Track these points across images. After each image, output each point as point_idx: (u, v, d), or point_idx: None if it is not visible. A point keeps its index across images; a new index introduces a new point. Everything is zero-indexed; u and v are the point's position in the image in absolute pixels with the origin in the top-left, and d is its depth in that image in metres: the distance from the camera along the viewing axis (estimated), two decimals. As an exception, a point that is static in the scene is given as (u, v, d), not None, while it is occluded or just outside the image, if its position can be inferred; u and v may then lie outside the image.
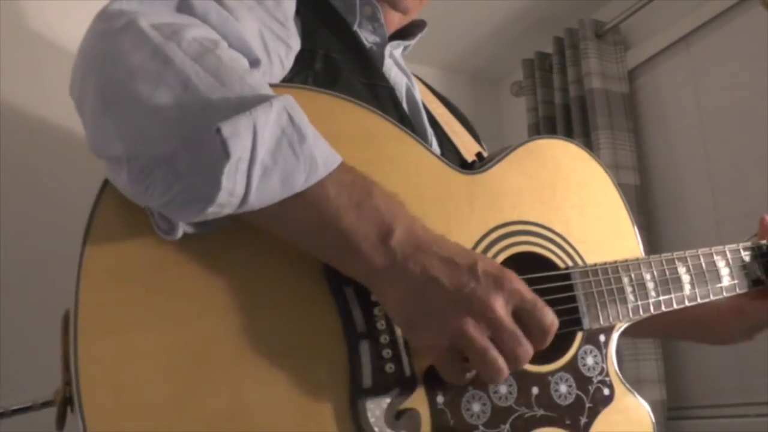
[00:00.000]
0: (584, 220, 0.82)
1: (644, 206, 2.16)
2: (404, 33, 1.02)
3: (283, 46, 0.73)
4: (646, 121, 2.31)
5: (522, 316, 0.61)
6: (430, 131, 0.93)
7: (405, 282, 0.59)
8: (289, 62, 0.75)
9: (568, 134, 2.32)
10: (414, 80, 1.00)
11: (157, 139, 0.55)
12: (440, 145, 0.92)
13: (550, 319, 0.62)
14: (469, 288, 0.59)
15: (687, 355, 2.08)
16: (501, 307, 0.59)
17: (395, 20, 0.98)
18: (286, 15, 0.74)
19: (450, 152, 0.92)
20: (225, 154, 0.52)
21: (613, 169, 2.15)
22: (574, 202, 0.82)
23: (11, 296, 1.09)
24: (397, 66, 0.96)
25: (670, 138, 2.22)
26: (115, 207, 0.59)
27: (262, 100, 0.56)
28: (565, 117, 2.35)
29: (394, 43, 0.96)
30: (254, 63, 0.67)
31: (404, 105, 0.91)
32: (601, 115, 2.21)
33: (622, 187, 2.22)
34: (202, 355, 0.57)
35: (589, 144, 2.24)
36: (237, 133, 0.53)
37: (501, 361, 0.59)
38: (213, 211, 0.55)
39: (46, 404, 0.60)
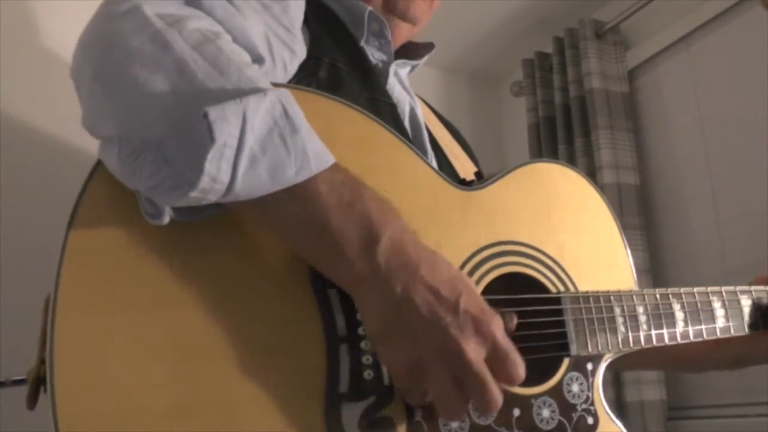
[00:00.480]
0: (579, 245, 0.81)
1: (644, 206, 2.16)
2: (411, 53, 1.01)
3: (287, 51, 0.73)
4: (646, 121, 2.31)
5: (492, 362, 0.60)
6: (430, 152, 0.93)
7: (384, 296, 0.58)
8: (292, 67, 0.75)
9: (568, 134, 2.32)
10: (417, 101, 1.00)
11: (150, 123, 0.55)
12: (439, 166, 0.91)
13: (520, 373, 0.61)
14: (445, 322, 0.58)
15: (687, 355, 2.07)
16: (472, 350, 0.58)
17: (403, 33, 0.98)
18: (292, 22, 0.75)
19: (449, 175, 0.92)
20: (210, 138, 0.52)
21: (613, 169, 2.15)
22: (570, 226, 0.82)
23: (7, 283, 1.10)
24: (401, 85, 0.96)
25: (670, 138, 2.22)
26: (104, 189, 0.58)
27: (256, 90, 0.56)
28: (565, 117, 2.35)
29: (400, 62, 0.96)
30: (257, 60, 0.67)
31: (406, 123, 0.91)
32: (601, 115, 2.21)
33: (622, 187, 2.23)
34: (180, 344, 0.56)
35: (589, 144, 2.24)
36: (224, 118, 0.52)
37: (458, 407, 0.59)
38: (196, 197, 0.54)
39: (18, 382, 0.59)
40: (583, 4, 2.40)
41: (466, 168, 0.99)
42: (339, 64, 0.82)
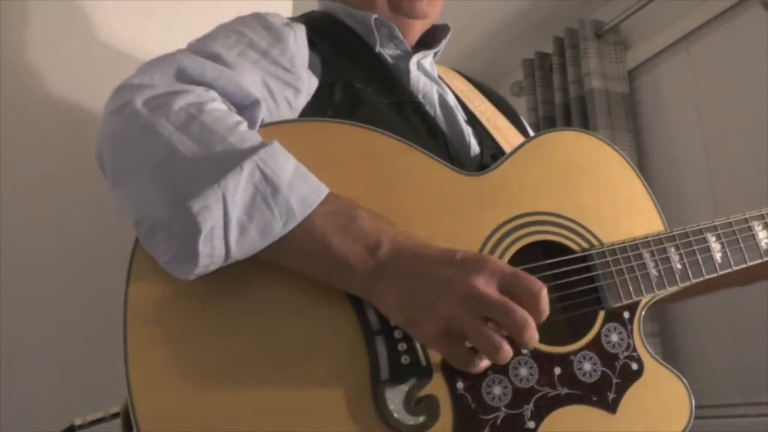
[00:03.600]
0: (599, 202, 0.82)
1: (644, 206, 2.16)
2: (429, 40, 1.03)
3: (290, 90, 0.79)
4: (646, 121, 2.31)
5: (508, 289, 0.63)
6: (468, 131, 0.94)
7: (394, 285, 0.64)
8: (298, 103, 0.80)
9: (568, 134, 2.33)
10: (446, 84, 1.02)
11: (154, 207, 0.62)
12: (479, 143, 0.93)
13: (538, 284, 0.63)
14: (450, 275, 0.63)
15: (687, 355, 2.08)
16: (483, 285, 0.62)
17: (417, 28, 0.99)
18: (292, 61, 0.81)
19: (490, 149, 0.94)
20: (197, 229, 0.60)
21: (613, 169, 2.15)
22: (588, 186, 0.82)
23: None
24: (426, 76, 0.98)
25: (670, 138, 2.22)
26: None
27: (236, 163, 0.62)
28: (565, 117, 2.35)
29: (420, 53, 0.98)
30: (253, 105, 0.73)
31: (439, 112, 0.94)
32: (601, 115, 2.21)
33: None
34: (239, 361, 0.63)
35: (589, 144, 2.24)
36: (206, 207, 0.60)
37: (498, 337, 0.61)
38: (200, 271, 0.62)
39: (114, 415, 0.70)
40: (583, 4, 2.40)
41: (509, 137, 1.00)
42: (355, 83, 0.85)
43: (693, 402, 0.76)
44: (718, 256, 0.83)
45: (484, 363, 0.65)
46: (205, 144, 0.63)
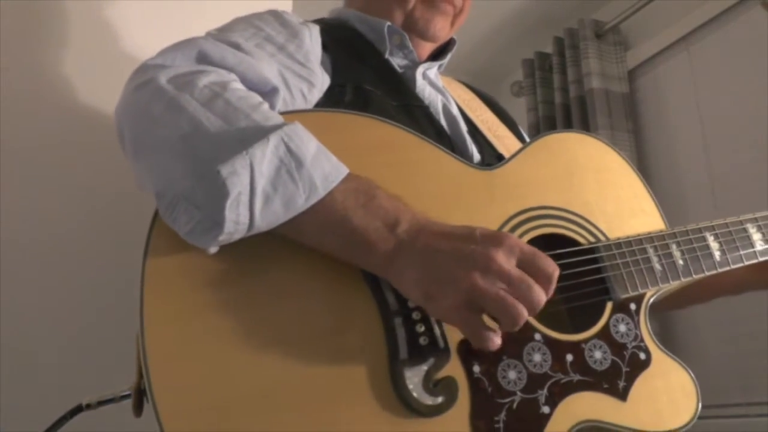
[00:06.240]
0: (604, 201, 0.85)
1: (644, 206, 2.16)
2: (437, 53, 1.06)
3: (304, 83, 0.81)
4: (646, 121, 2.31)
5: (525, 267, 0.64)
6: (469, 141, 0.96)
7: (413, 261, 0.64)
8: (312, 97, 0.83)
9: (568, 134, 2.33)
10: (450, 94, 1.04)
11: (178, 178, 0.64)
12: (481, 152, 0.96)
13: (552, 265, 0.65)
14: (470, 249, 0.64)
15: (687, 355, 2.07)
16: (504, 260, 0.63)
17: (426, 48, 1.03)
18: (307, 57, 0.84)
19: (492, 157, 0.96)
20: (225, 192, 0.60)
21: (613, 169, 2.15)
22: (592, 185, 0.85)
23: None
24: (431, 85, 1.00)
25: (670, 138, 2.22)
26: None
27: (261, 135, 0.63)
28: (565, 117, 2.35)
29: (426, 64, 1.01)
30: (272, 92, 0.75)
31: (443, 121, 0.96)
32: (601, 115, 2.21)
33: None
34: (255, 337, 0.64)
35: (589, 144, 2.24)
36: (234, 173, 0.61)
37: (519, 306, 0.62)
38: (224, 239, 0.63)
39: (124, 396, 0.69)
40: (583, 4, 2.40)
41: (508, 146, 1.03)
42: (365, 85, 0.88)
43: (699, 393, 0.78)
44: (717, 254, 0.87)
45: (499, 339, 0.66)
46: (230, 120, 0.65)
